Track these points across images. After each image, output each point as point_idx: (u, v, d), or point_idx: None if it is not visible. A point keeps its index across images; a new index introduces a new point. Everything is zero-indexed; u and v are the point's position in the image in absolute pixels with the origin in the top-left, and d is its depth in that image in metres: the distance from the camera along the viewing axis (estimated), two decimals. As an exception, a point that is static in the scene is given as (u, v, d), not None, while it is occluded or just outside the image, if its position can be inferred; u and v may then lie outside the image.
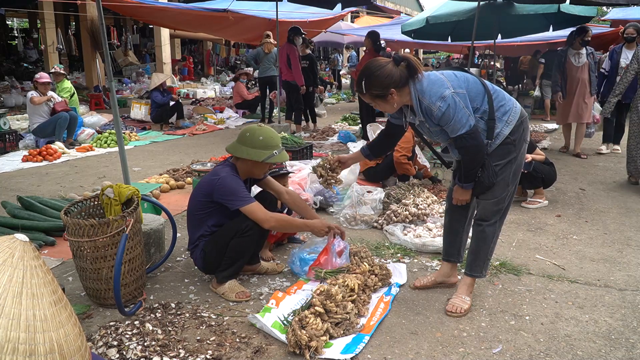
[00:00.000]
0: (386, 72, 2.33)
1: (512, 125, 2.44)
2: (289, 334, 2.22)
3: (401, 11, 22.73)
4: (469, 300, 2.62)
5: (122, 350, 2.17)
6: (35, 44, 17.81)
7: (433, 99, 2.31)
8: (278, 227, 2.83)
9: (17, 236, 1.28)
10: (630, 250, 3.49)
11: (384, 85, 2.34)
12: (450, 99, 2.30)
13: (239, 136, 2.79)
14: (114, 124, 6.87)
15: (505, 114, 2.45)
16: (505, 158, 2.48)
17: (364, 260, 2.91)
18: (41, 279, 1.27)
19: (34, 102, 6.83)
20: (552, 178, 4.52)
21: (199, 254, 2.81)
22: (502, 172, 2.49)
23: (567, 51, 6.45)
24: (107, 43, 3.59)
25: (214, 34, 14.59)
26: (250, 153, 2.71)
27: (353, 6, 11.48)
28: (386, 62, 2.37)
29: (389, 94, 2.35)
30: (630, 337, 2.38)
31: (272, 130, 2.83)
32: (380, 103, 2.44)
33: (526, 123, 2.53)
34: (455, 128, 2.33)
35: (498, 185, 2.50)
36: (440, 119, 2.35)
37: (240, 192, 2.67)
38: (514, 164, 2.51)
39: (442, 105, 2.30)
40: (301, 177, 4.38)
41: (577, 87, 6.41)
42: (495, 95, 2.46)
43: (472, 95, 2.39)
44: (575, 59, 6.39)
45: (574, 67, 6.40)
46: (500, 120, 2.44)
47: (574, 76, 6.40)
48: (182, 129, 8.81)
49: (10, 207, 3.86)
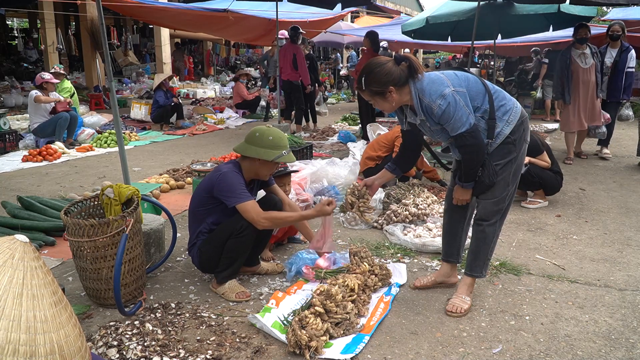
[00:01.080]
0: (386, 69, 2.36)
1: (512, 125, 2.45)
2: (289, 334, 2.22)
3: (401, 11, 22.71)
4: (469, 300, 2.62)
5: (122, 350, 2.17)
6: (35, 44, 17.80)
7: (433, 97, 2.33)
8: (272, 225, 2.77)
9: (17, 237, 1.28)
10: (630, 250, 3.49)
11: (382, 82, 2.36)
12: (451, 97, 2.31)
13: (248, 136, 2.79)
14: (114, 124, 6.88)
15: (506, 113, 2.45)
16: (505, 158, 2.48)
17: (364, 260, 2.90)
18: (41, 280, 1.26)
19: (39, 101, 6.80)
20: (554, 186, 4.46)
21: (195, 252, 2.82)
22: (503, 172, 2.49)
23: (569, 52, 6.08)
24: (107, 43, 3.59)
25: (214, 34, 14.59)
26: (260, 152, 2.71)
27: (353, 6, 11.46)
28: (387, 60, 2.40)
29: (387, 91, 2.37)
30: (630, 337, 2.38)
31: (280, 131, 2.85)
32: (379, 100, 2.45)
33: (526, 123, 2.53)
34: (456, 126, 2.34)
35: (498, 185, 2.50)
36: (440, 117, 2.36)
37: (238, 188, 2.66)
38: (514, 164, 2.51)
39: (442, 103, 2.31)
40: (301, 177, 4.38)
41: (585, 91, 6.06)
42: (495, 95, 2.46)
43: (472, 94, 2.40)
44: (582, 60, 6.03)
45: (581, 69, 6.02)
46: (500, 119, 2.44)
47: (582, 79, 6.02)
48: (182, 129, 8.82)
49: (10, 207, 3.86)
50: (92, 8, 11.54)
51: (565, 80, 6.06)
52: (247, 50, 23.53)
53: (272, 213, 2.73)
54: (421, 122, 2.49)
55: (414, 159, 2.84)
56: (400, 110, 2.57)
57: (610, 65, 6.23)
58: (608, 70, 6.23)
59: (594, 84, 6.05)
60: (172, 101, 8.92)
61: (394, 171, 2.74)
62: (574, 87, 6.07)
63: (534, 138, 4.42)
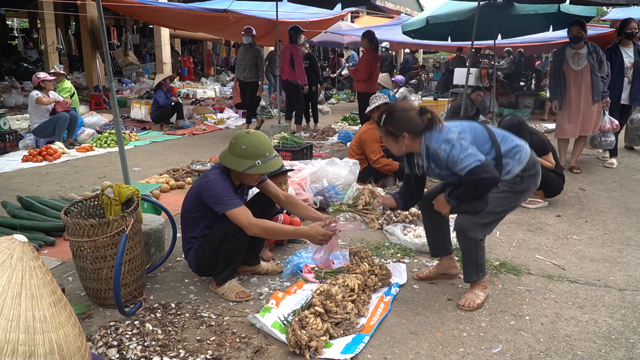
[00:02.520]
0: (407, 116, 2.51)
1: (523, 164, 2.52)
2: (289, 334, 2.22)
3: (401, 11, 22.71)
4: (483, 295, 2.66)
5: (122, 350, 2.17)
6: (35, 44, 17.79)
7: (439, 143, 2.45)
8: (263, 234, 2.68)
9: (15, 237, 1.28)
10: (630, 250, 3.49)
11: (399, 127, 2.52)
12: (455, 141, 2.42)
13: (229, 142, 2.72)
14: (114, 124, 6.88)
15: (517, 153, 2.54)
16: (506, 189, 2.53)
17: (364, 260, 2.91)
18: (40, 280, 1.26)
19: (41, 103, 6.81)
20: (556, 188, 4.45)
21: (192, 257, 2.80)
22: (495, 201, 2.52)
23: (563, 52, 5.58)
24: (107, 43, 3.59)
25: (214, 34, 14.58)
26: (232, 162, 2.63)
27: (353, 6, 11.46)
28: (412, 108, 2.56)
29: (401, 136, 2.52)
30: (630, 337, 2.38)
31: (260, 138, 2.68)
32: (390, 141, 2.59)
33: (538, 167, 2.59)
34: (464, 165, 2.39)
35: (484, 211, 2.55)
36: (447, 161, 2.45)
37: (226, 195, 2.59)
38: (511, 196, 2.54)
39: (446, 148, 2.42)
40: (301, 177, 4.37)
41: (577, 95, 5.49)
42: (504, 140, 2.56)
43: (479, 142, 2.51)
44: (574, 60, 5.46)
45: (572, 70, 5.48)
46: (512, 158, 2.52)
47: (573, 82, 5.49)
48: (182, 129, 8.82)
49: (10, 207, 3.86)
50: (92, 8, 11.54)
51: (557, 82, 5.61)
52: (247, 50, 23.47)
53: (264, 222, 2.64)
54: (428, 167, 2.58)
55: (417, 198, 2.92)
56: (410, 154, 2.69)
57: (631, 65, 5.76)
58: (628, 71, 5.75)
59: (588, 87, 5.44)
60: (172, 101, 8.92)
61: (397, 200, 2.84)
62: (566, 90, 5.57)
63: (541, 137, 4.43)
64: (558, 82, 5.60)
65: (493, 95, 9.57)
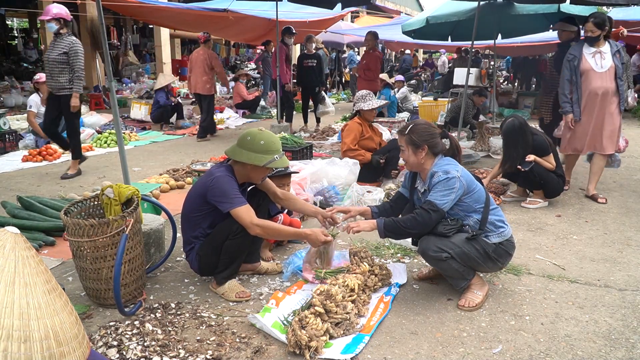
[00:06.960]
0: (432, 132, 2.71)
1: (501, 239, 2.65)
2: (289, 334, 2.22)
3: (401, 11, 22.74)
4: (482, 293, 2.68)
5: (122, 350, 2.17)
6: (35, 44, 17.80)
7: (441, 169, 2.63)
8: (264, 234, 2.68)
9: (7, 229, 1.30)
10: (630, 250, 3.49)
11: (423, 138, 2.68)
12: (453, 177, 2.57)
13: (239, 139, 2.75)
14: (114, 124, 6.88)
15: (500, 228, 2.66)
16: (478, 245, 2.60)
17: (364, 260, 2.91)
18: (33, 269, 1.29)
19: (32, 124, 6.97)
20: (556, 189, 4.43)
21: (194, 257, 2.79)
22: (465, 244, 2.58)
23: (580, 50, 4.51)
24: (107, 43, 3.59)
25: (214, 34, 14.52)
26: (251, 157, 2.67)
27: (353, 6, 11.46)
28: (438, 130, 2.76)
29: (422, 148, 2.68)
30: (630, 337, 2.38)
31: (273, 134, 2.81)
32: (410, 150, 2.72)
33: (512, 252, 2.74)
34: (435, 197, 2.57)
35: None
36: (432, 184, 2.62)
37: (232, 193, 2.61)
38: (479, 254, 2.60)
39: (442, 176, 2.59)
40: (301, 177, 4.37)
41: (597, 103, 4.46)
42: (495, 211, 2.69)
43: (475, 197, 2.65)
44: (596, 61, 4.42)
45: (594, 73, 4.42)
46: (495, 229, 2.64)
47: (594, 87, 4.43)
48: (182, 129, 8.82)
49: (10, 207, 3.86)
50: (92, 8, 11.52)
51: (575, 88, 4.53)
52: (247, 50, 23.52)
53: (266, 222, 2.67)
54: (423, 192, 2.73)
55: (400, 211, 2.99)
56: (413, 175, 2.87)
57: None
58: None
59: (613, 94, 4.43)
60: (173, 102, 8.95)
61: (374, 214, 2.89)
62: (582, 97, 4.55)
63: (542, 138, 4.40)
64: (575, 88, 4.54)
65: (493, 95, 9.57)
